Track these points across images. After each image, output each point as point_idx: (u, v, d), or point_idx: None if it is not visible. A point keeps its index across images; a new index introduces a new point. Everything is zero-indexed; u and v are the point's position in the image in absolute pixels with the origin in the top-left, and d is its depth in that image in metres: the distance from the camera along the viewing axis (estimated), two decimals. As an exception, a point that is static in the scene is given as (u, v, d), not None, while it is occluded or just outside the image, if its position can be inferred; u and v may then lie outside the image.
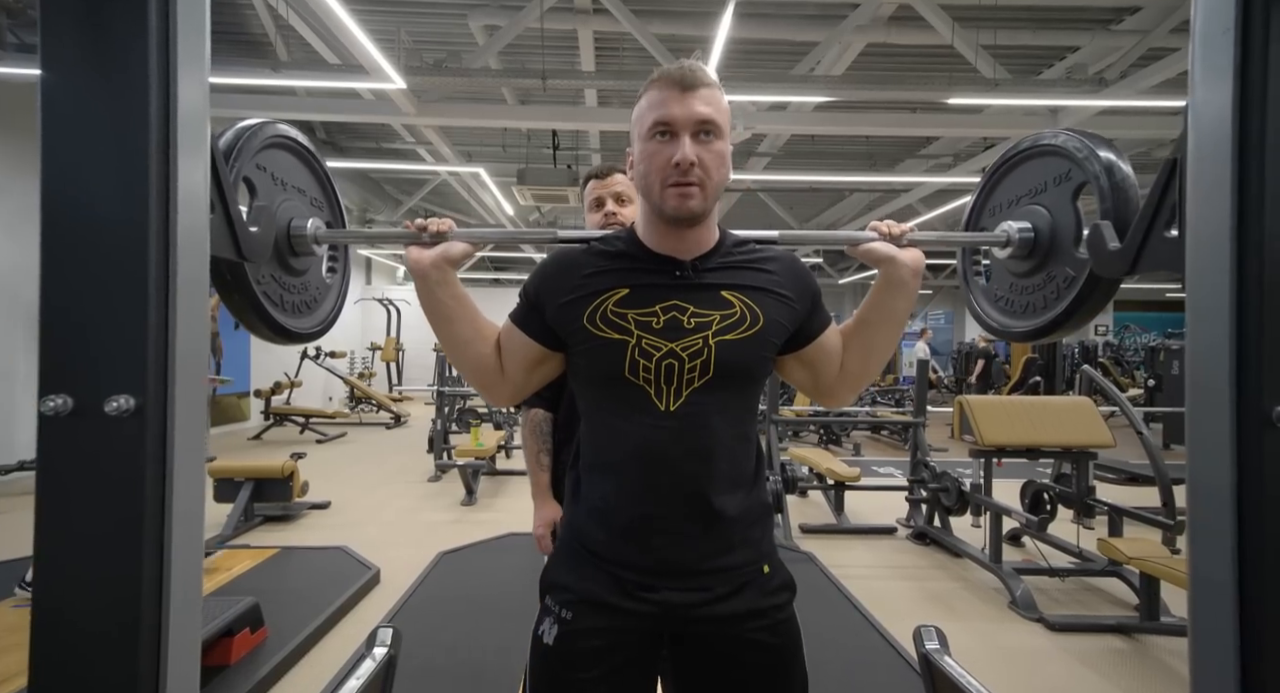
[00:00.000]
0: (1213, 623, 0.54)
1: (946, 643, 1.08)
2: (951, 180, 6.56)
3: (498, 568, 3.07)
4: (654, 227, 0.87)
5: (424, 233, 0.88)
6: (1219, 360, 0.52)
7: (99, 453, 0.47)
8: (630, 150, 0.88)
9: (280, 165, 0.94)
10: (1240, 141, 0.55)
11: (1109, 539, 2.62)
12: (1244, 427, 0.51)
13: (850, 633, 2.43)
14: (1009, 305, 1.06)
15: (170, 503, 0.48)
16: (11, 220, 4.75)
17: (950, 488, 3.34)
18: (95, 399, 0.47)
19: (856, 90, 4.43)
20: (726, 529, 0.84)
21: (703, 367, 0.81)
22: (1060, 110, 4.93)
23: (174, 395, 0.48)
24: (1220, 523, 0.53)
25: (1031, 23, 4.88)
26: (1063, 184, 0.92)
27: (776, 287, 0.86)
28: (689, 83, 0.79)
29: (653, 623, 0.84)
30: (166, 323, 0.48)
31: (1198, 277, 0.56)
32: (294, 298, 0.97)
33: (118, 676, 0.46)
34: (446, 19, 4.90)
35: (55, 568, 0.48)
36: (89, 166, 0.49)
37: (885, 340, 0.90)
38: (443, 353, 6.81)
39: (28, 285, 4.83)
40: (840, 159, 8.03)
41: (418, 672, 2.06)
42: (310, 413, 7.47)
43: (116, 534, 0.47)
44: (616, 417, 0.85)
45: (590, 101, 5.67)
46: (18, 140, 4.82)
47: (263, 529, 3.75)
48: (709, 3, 4.58)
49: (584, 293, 0.85)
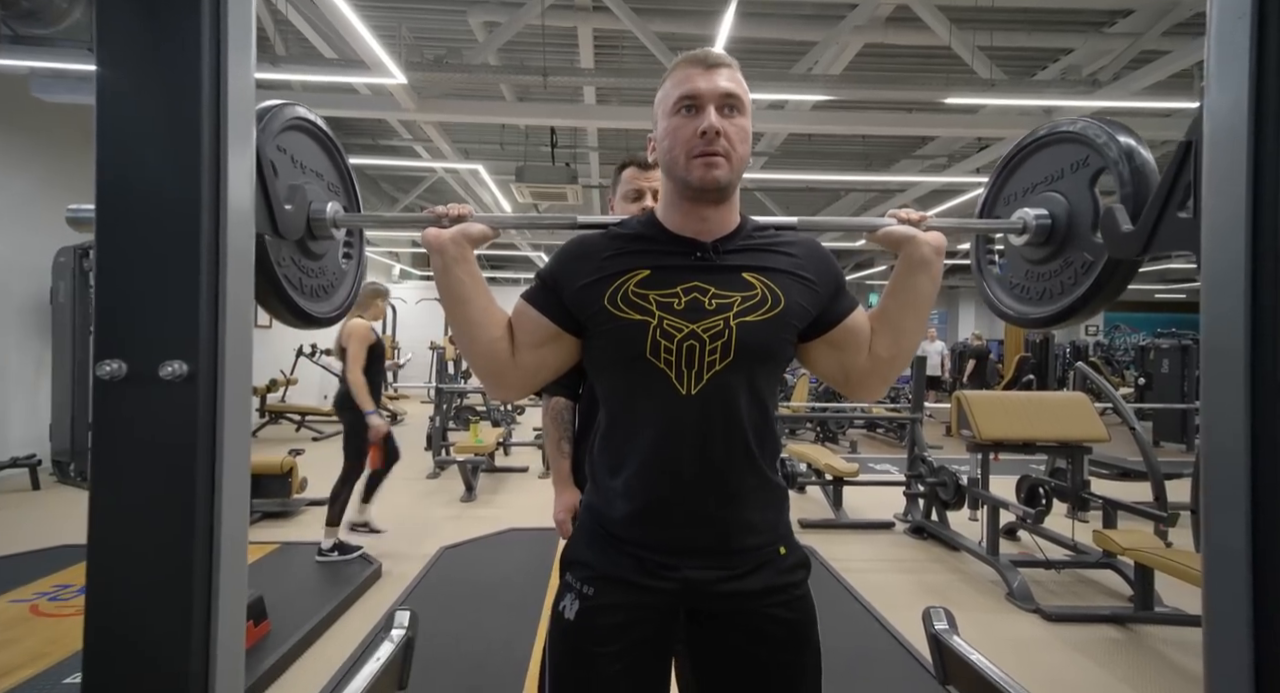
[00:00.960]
0: (1227, 588, 0.56)
1: (955, 624, 1.10)
2: (947, 180, 6.62)
3: (499, 562, 3.08)
4: (676, 207, 0.87)
5: (444, 217, 0.88)
6: (1234, 332, 0.54)
7: (152, 416, 0.48)
8: (652, 136, 0.88)
9: (299, 148, 0.94)
10: (1256, 123, 0.57)
11: (1103, 531, 2.66)
12: (1258, 395, 0.53)
13: (848, 620, 2.46)
14: (1025, 292, 1.06)
15: (220, 464, 0.49)
16: (4, 214, 4.70)
17: (948, 482, 3.38)
18: (150, 365, 0.48)
19: (854, 90, 4.46)
20: (745, 510, 0.85)
21: (724, 349, 0.81)
22: (1054, 111, 4.98)
23: (224, 363, 0.49)
24: (1235, 490, 0.55)
25: (1027, 24, 4.94)
26: (1080, 170, 0.93)
27: (798, 269, 0.86)
28: (712, 61, 0.81)
29: (672, 599, 0.86)
30: (217, 293, 0.49)
31: (1213, 254, 0.58)
32: (313, 282, 0.98)
33: (171, 619, 0.47)
34: (446, 16, 4.90)
35: (110, 526, 0.49)
36: (145, 146, 0.50)
37: (914, 322, 0.89)
38: (439, 353, 6.76)
39: (18, 280, 4.78)
40: (836, 159, 8.08)
41: (422, 663, 2.06)
42: (306, 410, 7.43)
43: (168, 494, 0.48)
44: (636, 399, 0.85)
45: (589, 100, 5.67)
46: (6, 134, 4.77)
47: (261, 525, 3.73)
48: (709, 1, 4.60)
49: (604, 274, 0.84)
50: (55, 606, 2.40)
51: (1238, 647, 0.57)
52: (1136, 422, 3.37)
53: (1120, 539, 2.55)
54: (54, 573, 2.72)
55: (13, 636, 2.14)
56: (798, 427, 7.34)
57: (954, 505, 3.47)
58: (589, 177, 8.14)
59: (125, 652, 0.48)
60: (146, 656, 0.48)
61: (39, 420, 4.81)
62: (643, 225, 0.89)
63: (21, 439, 4.75)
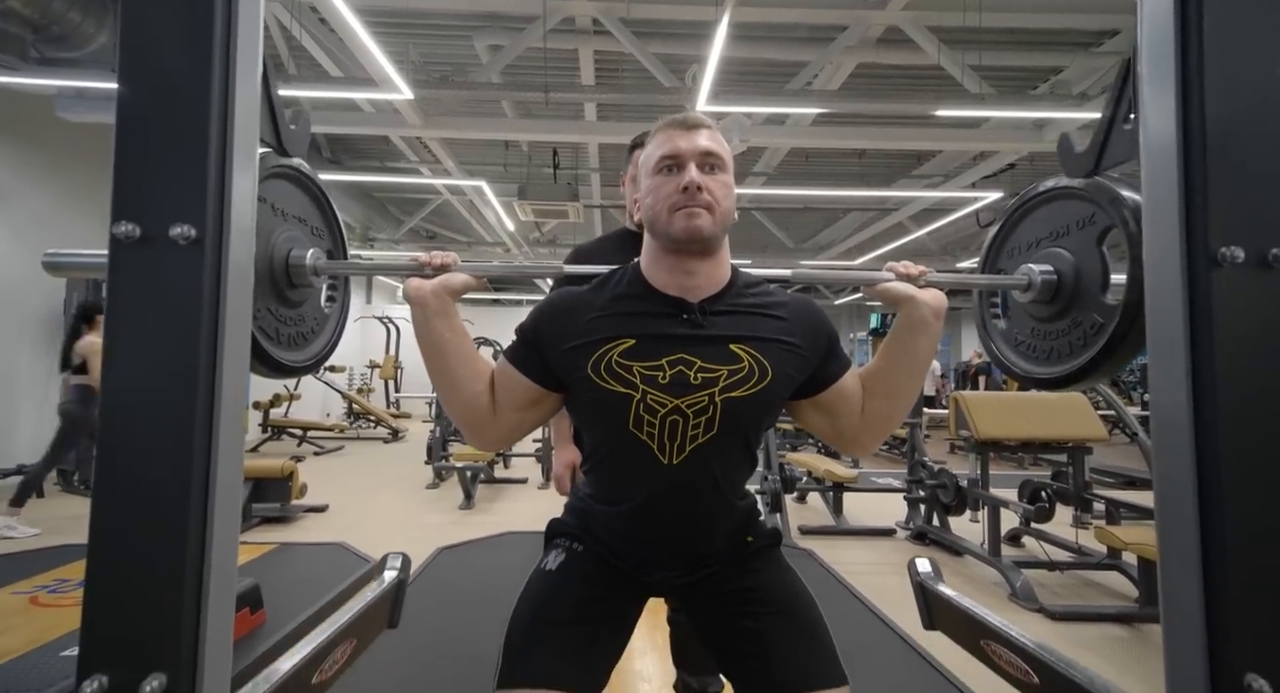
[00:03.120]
0: (1172, 455, 0.58)
1: (940, 573, 1.11)
2: (945, 195, 6.74)
3: (496, 563, 3.06)
4: (661, 262, 0.85)
5: (426, 266, 0.85)
6: (1170, 210, 0.58)
7: (161, 275, 0.52)
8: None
9: (280, 195, 0.89)
10: (1181, 32, 0.62)
11: (1106, 527, 2.64)
12: (1194, 266, 0.57)
13: (848, 617, 2.43)
14: (1031, 351, 1.01)
15: (223, 325, 0.53)
16: (20, 227, 4.83)
17: (948, 485, 3.36)
18: (160, 227, 0.52)
19: (850, 102, 4.60)
20: (716, 537, 0.90)
21: (708, 423, 0.81)
22: (1046, 125, 5.11)
23: (229, 228, 0.54)
24: (1175, 359, 0.58)
25: (1015, 44, 5.10)
26: (1086, 228, 0.89)
27: (786, 335, 0.84)
28: (692, 123, 0.83)
29: (644, 587, 0.93)
30: (224, 163, 0.54)
31: (1151, 144, 0.62)
32: (289, 330, 0.92)
33: (175, 471, 0.50)
34: (452, 39, 5.09)
35: (121, 383, 0.52)
36: (162, 33, 0.55)
37: (909, 383, 0.86)
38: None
39: (34, 294, 4.88)
40: (834, 179, 8.22)
41: (416, 655, 2.05)
42: (308, 425, 7.45)
43: (177, 349, 0.52)
44: (619, 459, 0.87)
45: (590, 116, 5.84)
46: (31, 151, 4.93)
47: (260, 529, 3.73)
48: (706, 25, 4.78)
49: (588, 340, 0.82)
50: (54, 597, 2.40)
51: (1185, 524, 0.59)
52: (1140, 428, 3.37)
53: (1123, 535, 2.53)
54: (54, 569, 2.72)
55: (12, 624, 2.14)
56: (800, 444, 7.31)
57: (955, 510, 3.44)
58: (590, 197, 8.30)
59: (125, 555, 0.51)
60: (140, 590, 0.52)
61: (46, 431, 4.85)
62: (629, 283, 0.87)
63: (29, 448, 4.78)
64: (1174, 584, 0.56)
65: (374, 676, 1.90)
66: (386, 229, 9.61)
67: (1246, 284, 0.56)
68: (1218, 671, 0.53)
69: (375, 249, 9.56)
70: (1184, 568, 0.56)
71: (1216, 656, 0.53)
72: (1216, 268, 0.56)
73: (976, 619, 0.93)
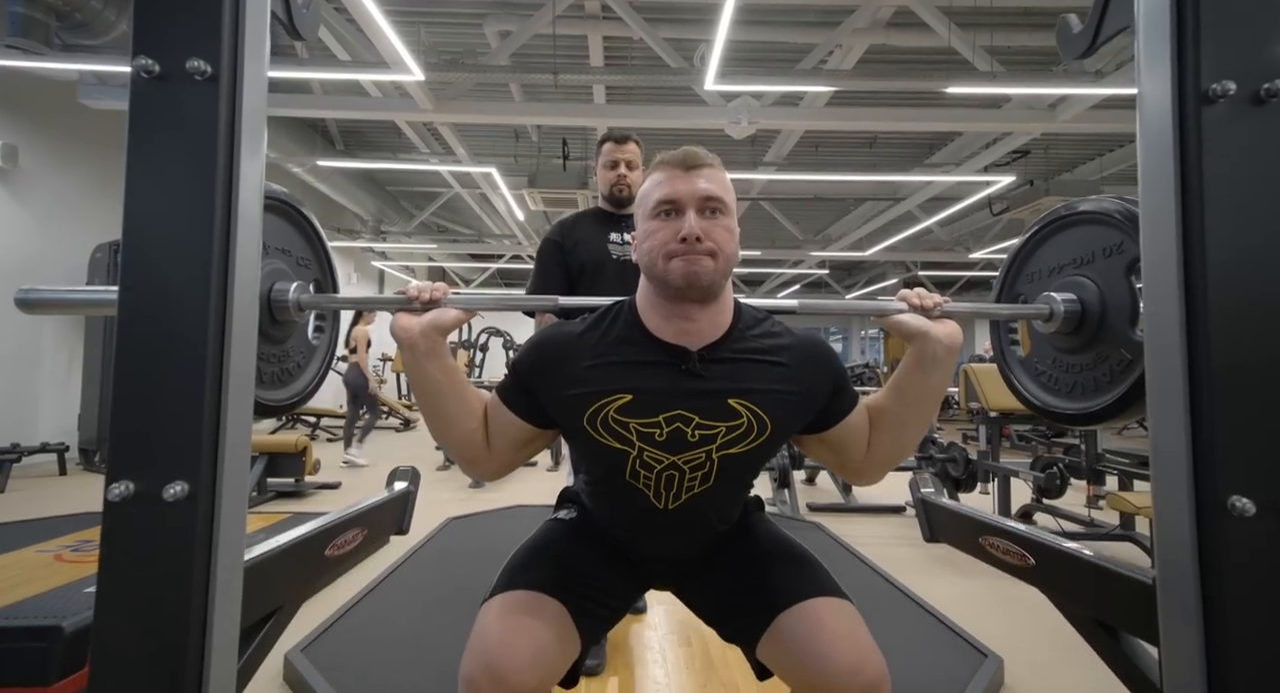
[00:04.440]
0: (1160, 271, 0.59)
1: (941, 490, 1.12)
2: (957, 179, 6.70)
3: (504, 531, 3.09)
4: (659, 308, 0.80)
5: (415, 301, 0.81)
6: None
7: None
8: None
9: (265, 228, 0.87)
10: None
11: (1118, 493, 2.61)
12: (1184, 99, 0.58)
13: (854, 580, 2.42)
14: (1053, 382, 0.96)
15: (238, 159, 0.55)
16: (44, 212, 4.95)
17: (958, 458, 3.35)
18: (177, 63, 0.55)
19: (860, 81, 4.60)
20: (710, 549, 0.92)
21: (704, 477, 0.80)
22: (1061, 102, 5.06)
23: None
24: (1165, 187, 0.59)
25: (1030, 26, 5.06)
26: (1114, 257, 0.84)
27: (787, 383, 0.80)
28: (691, 163, 0.78)
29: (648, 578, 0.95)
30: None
31: (1149, 19, 0.63)
32: (271, 368, 0.88)
33: (193, 288, 0.53)
34: (462, 26, 5.15)
35: (141, 210, 0.55)
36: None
37: (918, 420, 0.83)
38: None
39: (57, 275, 5.00)
40: (844, 168, 8.20)
41: (425, 605, 2.09)
42: (322, 413, 7.55)
43: (194, 184, 0.54)
44: (614, 500, 0.88)
45: (599, 99, 5.87)
46: (54, 136, 5.05)
47: (274, 503, 3.79)
48: (715, 9, 4.79)
49: (584, 390, 0.79)
50: (77, 555, 2.46)
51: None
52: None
53: (1136, 500, 2.51)
54: (78, 532, 2.79)
55: (36, 576, 2.20)
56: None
57: (966, 485, 3.42)
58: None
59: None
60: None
61: (69, 411, 4.97)
62: (625, 325, 0.82)
63: (52, 428, 4.90)
64: (1161, 416, 0.57)
65: (383, 620, 1.93)
66: (398, 222, 9.72)
67: (1241, 120, 0.56)
68: (1203, 494, 0.54)
69: (387, 242, 9.67)
70: (1169, 399, 0.56)
71: (1202, 480, 0.54)
72: (1208, 104, 0.56)
73: (975, 520, 0.94)
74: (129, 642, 0.52)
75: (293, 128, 6.70)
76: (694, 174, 0.77)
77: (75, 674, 1.40)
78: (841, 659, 0.71)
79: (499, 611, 0.78)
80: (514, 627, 0.75)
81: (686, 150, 0.79)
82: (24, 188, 4.83)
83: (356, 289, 10.93)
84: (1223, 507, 0.53)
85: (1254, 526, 0.52)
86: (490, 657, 0.71)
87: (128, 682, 0.52)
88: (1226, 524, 0.52)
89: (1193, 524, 0.54)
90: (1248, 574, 0.53)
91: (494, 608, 0.78)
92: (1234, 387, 0.54)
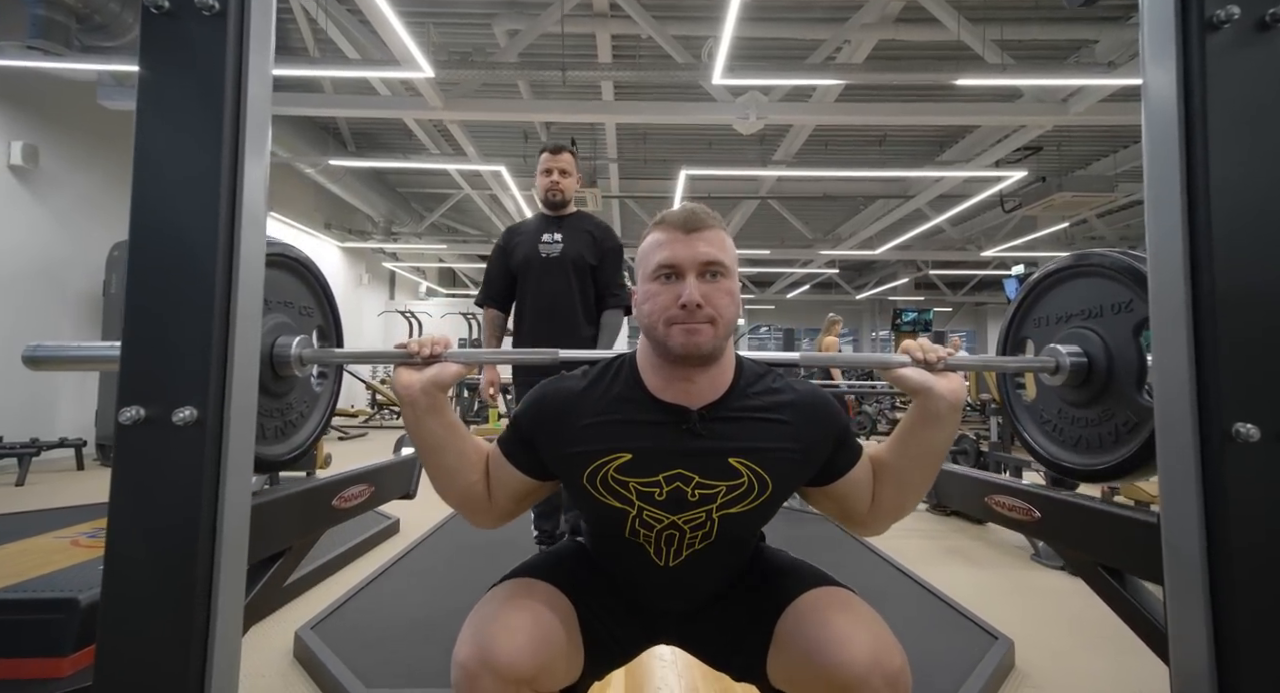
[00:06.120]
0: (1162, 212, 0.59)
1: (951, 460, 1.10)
2: (968, 174, 6.65)
3: (516, 521, 3.09)
4: (659, 369, 0.80)
5: (416, 355, 0.80)
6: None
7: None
8: (634, 289, 0.84)
9: (266, 284, 0.86)
10: None
11: (1135, 484, 2.57)
12: (1188, 26, 0.57)
13: (862, 566, 2.41)
14: (1059, 433, 0.95)
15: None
16: (64, 211, 5.05)
17: (968, 449, 3.32)
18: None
19: (869, 75, 4.59)
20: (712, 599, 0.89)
21: (705, 536, 0.79)
22: (1073, 96, 5.01)
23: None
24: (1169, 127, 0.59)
25: (1040, 20, 5.03)
26: (1122, 315, 0.83)
27: (789, 440, 0.79)
28: (692, 225, 0.76)
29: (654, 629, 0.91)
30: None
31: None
32: (273, 423, 0.88)
33: (203, 220, 0.55)
34: (472, 26, 5.21)
35: (152, 147, 0.56)
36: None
37: (922, 475, 0.82)
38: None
39: (76, 273, 5.09)
40: (854, 166, 8.17)
41: (434, 590, 2.10)
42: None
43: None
44: (615, 554, 0.86)
45: (608, 96, 5.91)
46: (74, 136, 5.16)
47: (286, 496, 3.83)
48: (723, 5, 4.81)
49: (584, 449, 0.78)
50: (93, 540, 2.50)
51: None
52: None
53: (1151, 489, 2.47)
54: (94, 520, 2.84)
55: (52, 560, 2.24)
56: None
57: (977, 478, 3.39)
58: (609, 188, 8.37)
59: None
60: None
61: (87, 407, 5.05)
62: (625, 383, 0.82)
63: (71, 424, 4.99)
64: (1164, 346, 0.57)
65: (392, 602, 1.94)
66: (409, 224, 9.82)
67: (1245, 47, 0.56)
68: (1207, 420, 0.54)
69: (398, 243, 9.77)
70: (1174, 328, 0.56)
71: (1206, 407, 0.54)
72: (1211, 30, 0.56)
73: (980, 480, 0.94)
74: (140, 565, 0.53)
75: (305, 128, 6.80)
76: (695, 238, 0.75)
77: (91, 646, 1.42)
78: (857, 652, 0.66)
79: (503, 592, 0.76)
80: (516, 607, 0.72)
81: (688, 211, 0.78)
82: (45, 188, 4.93)
83: (367, 289, 11.04)
84: (1226, 433, 0.52)
85: (1258, 451, 0.52)
86: (484, 636, 0.67)
87: (138, 604, 0.53)
88: (1230, 450, 0.52)
89: (1196, 453, 0.54)
90: (1251, 504, 0.53)
91: (499, 590, 0.77)
92: (1235, 306, 0.54)
